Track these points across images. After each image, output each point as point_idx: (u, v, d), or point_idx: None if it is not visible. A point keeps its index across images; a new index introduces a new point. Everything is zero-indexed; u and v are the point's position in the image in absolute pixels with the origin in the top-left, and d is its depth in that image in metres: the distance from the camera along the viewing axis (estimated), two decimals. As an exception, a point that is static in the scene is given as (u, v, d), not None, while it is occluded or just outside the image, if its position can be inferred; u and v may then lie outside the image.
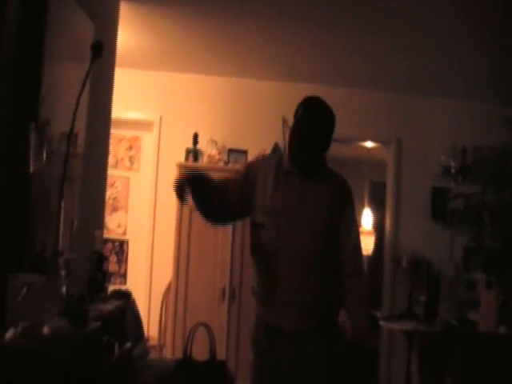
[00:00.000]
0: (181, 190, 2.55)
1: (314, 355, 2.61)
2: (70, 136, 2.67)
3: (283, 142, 5.67)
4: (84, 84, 2.67)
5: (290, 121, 6.16)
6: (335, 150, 3.12)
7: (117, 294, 3.44)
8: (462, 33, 4.33)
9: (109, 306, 3.02)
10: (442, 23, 4.19)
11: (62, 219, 2.72)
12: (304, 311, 2.62)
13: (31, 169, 2.40)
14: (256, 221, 2.68)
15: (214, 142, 5.61)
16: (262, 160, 2.81)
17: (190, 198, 2.60)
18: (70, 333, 2.05)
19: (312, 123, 2.65)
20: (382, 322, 5.57)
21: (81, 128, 3.17)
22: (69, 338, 2.03)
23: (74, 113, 2.62)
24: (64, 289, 2.53)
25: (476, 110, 5.79)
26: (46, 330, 1.96)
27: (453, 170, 5.69)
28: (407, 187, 5.91)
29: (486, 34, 4.27)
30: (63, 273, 2.60)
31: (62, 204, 2.70)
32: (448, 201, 5.74)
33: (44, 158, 2.56)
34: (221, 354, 4.59)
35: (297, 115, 2.71)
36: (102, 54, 2.75)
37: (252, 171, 2.74)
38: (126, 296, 3.51)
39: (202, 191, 2.64)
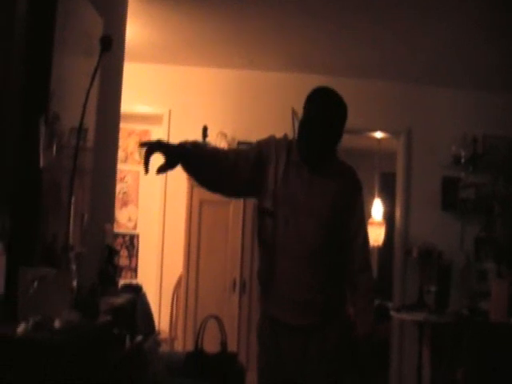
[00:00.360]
0: (145, 159, 2.50)
1: (316, 352, 2.58)
2: (80, 130, 2.67)
3: (293, 134, 5.67)
4: (93, 78, 2.67)
5: (300, 112, 6.18)
6: (345, 140, 2.97)
7: (127, 288, 3.46)
8: (472, 24, 4.31)
9: (119, 300, 3.04)
10: (451, 15, 4.18)
11: (72, 213, 2.74)
12: (306, 307, 2.58)
13: (41, 163, 2.42)
14: (265, 207, 2.60)
15: (224, 135, 5.61)
16: (275, 143, 2.66)
17: (150, 167, 2.52)
18: (81, 325, 2.07)
19: (319, 115, 2.55)
20: (392, 313, 5.57)
21: (90, 122, 3.18)
22: (80, 330, 2.04)
23: (84, 107, 2.62)
24: (75, 282, 2.54)
25: (486, 99, 5.76)
26: (57, 323, 1.98)
27: (463, 160, 5.66)
28: (417, 177, 5.89)
29: (495, 25, 4.25)
30: (74, 266, 2.62)
31: (73, 198, 2.71)
32: (458, 191, 5.71)
33: (54, 152, 2.57)
34: (232, 346, 4.61)
35: (305, 107, 2.63)
36: (110, 48, 2.74)
37: (265, 152, 2.61)
38: (137, 289, 3.53)
39: (188, 158, 2.56)
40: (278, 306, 2.62)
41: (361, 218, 2.66)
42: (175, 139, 5.77)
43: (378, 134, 6.71)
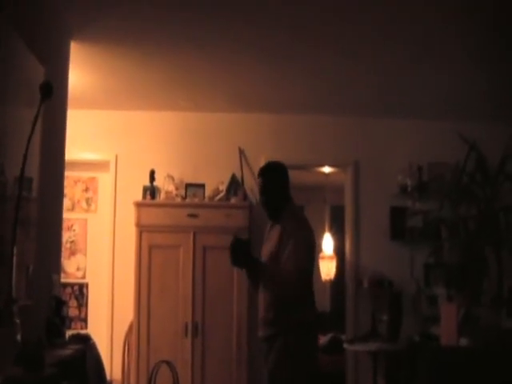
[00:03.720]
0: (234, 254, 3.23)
1: (268, 361, 3.27)
2: (21, 180, 2.66)
3: (241, 173, 5.72)
4: (34, 126, 2.67)
5: (247, 151, 6.26)
6: (294, 176, 3.73)
7: (75, 338, 3.39)
8: (409, 56, 4.46)
9: (67, 351, 2.98)
10: (388, 47, 4.32)
11: (15, 265, 2.69)
12: (264, 322, 3.32)
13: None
14: None
15: (171, 178, 5.61)
16: None
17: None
18: (24, 379, 2.02)
19: (259, 186, 3.50)
20: (346, 345, 5.58)
21: (34, 171, 3.16)
22: (23, 386, 2.00)
23: (25, 156, 2.61)
24: (19, 336, 2.49)
25: (430, 128, 5.90)
26: (-2, 379, 1.93)
27: (409, 189, 5.78)
28: (366, 209, 5.97)
29: (432, 55, 4.42)
30: (18, 320, 2.56)
31: (15, 249, 2.67)
32: (406, 219, 5.82)
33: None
34: (186, 390, 4.57)
35: None
36: (51, 95, 2.75)
37: None
38: (85, 339, 3.46)
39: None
40: None
41: (292, 249, 3.21)
42: (123, 185, 5.85)
43: (326, 169, 6.83)
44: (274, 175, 3.44)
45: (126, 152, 5.85)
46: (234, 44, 4.33)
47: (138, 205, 5.33)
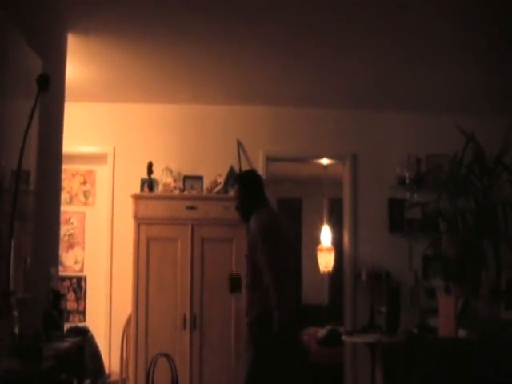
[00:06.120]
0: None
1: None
2: (18, 173, 2.66)
3: (239, 165, 5.71)
4: (31, 119, 2.66)
5: (245, 143, 6.26)
6: (293, 169, 4.18)
7: (73, 331, 3.39)
8: (410, 50, 4.46)
9: (65, 344, 2.97)
10: (389, 41, 4.32)
11: (12, 258, 2.69)
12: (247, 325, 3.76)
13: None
14: None
15: (169, 170, 5.60)
16: None
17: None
18: (21, 372, 2.02)
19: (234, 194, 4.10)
20: (344, 337, 5.60)
21: (31, 164, 3.15)
22: (20, 378, 1.99)
23: (22, 149, 2.61)
24: (17, 328, 2.49)
25: (428, 120, 5.92)
26: (-5, 371, 1.93)
27: (407, 181, 5.79)
28: (364, 201, 5.98)
29: (435, 49, 4.41)
30: (15, 312, 2.56)
31: (12, 242, 2.67)
32: (404, 211, 5.82)
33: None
34: (185, 383, 4.57)
35: None
36: (48, 87, 2.74)
37: None
38: (83, 332, 3.46)
39: None
40: None
41: (261, 249, 3.62)
42: (120, 177, 5.85)
43: (324, 161, 6.83)
44: (241, 185, 3.98)
45: (123, 145, 5.84)
46: (233, 37, 4.32)
47: (136, 197, 5.32)
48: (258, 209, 3.82)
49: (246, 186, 3.99)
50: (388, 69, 4.89)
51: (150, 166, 5.51)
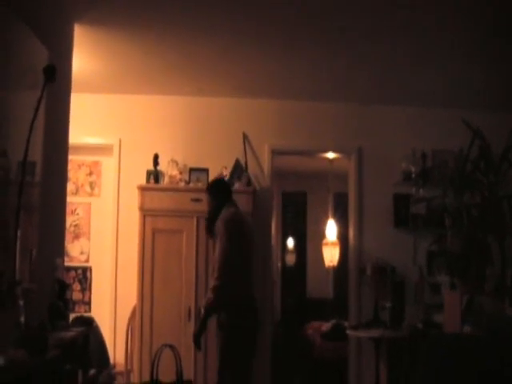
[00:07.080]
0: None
1: None
2: (24, 164, 2.66)
3: (245, 158, 5.71)
4: (37, 110, 2.66)
5: (251, 136, 6.26)
6: (298, 163, 4.02)
7: (78, 321, 3.40)
8: (420, 43, 4.43)
9: (70, 334, 2.98)
10: (394, 38, 4.32)
11: (18, 248, 2.70)
12: None
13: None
14: None
15: (175, 162, 5.61)
16: None
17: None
18: (26, 362, 2.03)
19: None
20: (349, 331, 5.60)
21: (37, 155, 3.15)
22: (26, 367, 2.00)
23: (28, 140, 2.61)
24: (22, 318, 2.50)
25: (434, 115, 5.91)
26: (1, 360, 1.94)
27: (413, 176, 5.76)
28: (369, 196, 5.97)
29: (444, 43, 4.39)
30: (21, 302, 2.57)
31: (18, 233, 2.68)
32: (410, 206, 5.80)
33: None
34: (189, 375, 4.57)
35: None
36: (54, 78, 2.74)
37: None
38: (88, 322, 3.47)
39: None
40: None
41: (218, 248, 4.00)
42: (126, 169, 5.85)
43: (330, 155, 6.82)
44: (211, 196, 4.26)
45: (129, 136, 5.84)
46: (239, 30, 4.31)
47: (142, 189, 5.33)
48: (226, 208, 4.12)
49: (215, 196, 4.23)
50: (393, 63, 4.87)
51: (155, 158, 5.51)
